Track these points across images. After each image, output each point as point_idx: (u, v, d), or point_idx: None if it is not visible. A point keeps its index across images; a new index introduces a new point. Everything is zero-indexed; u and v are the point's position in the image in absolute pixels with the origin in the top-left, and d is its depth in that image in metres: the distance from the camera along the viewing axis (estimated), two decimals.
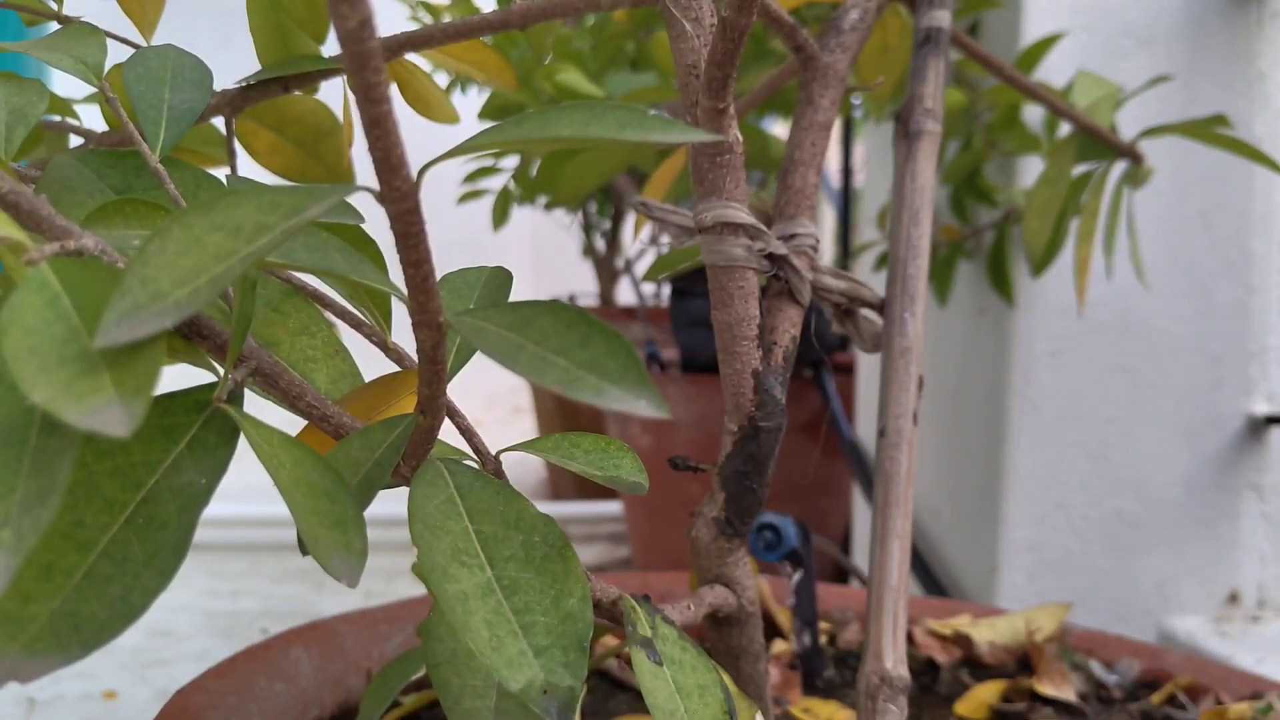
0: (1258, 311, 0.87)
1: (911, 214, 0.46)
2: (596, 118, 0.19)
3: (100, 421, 0.14)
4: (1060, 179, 0.68)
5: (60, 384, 0.14)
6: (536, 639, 0.21)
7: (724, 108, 0.34)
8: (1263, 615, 0.88)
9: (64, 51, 0.30)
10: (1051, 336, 0.86)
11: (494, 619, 0.21)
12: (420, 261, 0.20)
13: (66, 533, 0.18)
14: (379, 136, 0.18)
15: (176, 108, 0.30)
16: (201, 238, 0.17)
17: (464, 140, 0.19)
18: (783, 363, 0.40)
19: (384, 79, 0.17)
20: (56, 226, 0.19)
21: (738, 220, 0.37)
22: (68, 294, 0.16)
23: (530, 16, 0.41)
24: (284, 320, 0.29)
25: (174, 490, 0.19)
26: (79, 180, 0.26)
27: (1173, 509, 0.87)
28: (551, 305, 0.21)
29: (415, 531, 0.22)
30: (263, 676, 0.57)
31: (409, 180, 0.19)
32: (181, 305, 0.16)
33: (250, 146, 0.43)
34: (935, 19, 0.51)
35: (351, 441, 0.24)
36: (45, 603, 0.17)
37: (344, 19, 0.16)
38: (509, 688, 0.20)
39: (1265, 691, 0.55)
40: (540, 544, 0.23)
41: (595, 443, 0.34)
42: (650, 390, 0.19)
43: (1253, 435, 0.87)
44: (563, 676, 0.21)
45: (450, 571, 0.22)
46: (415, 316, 0.21)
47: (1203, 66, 0.84)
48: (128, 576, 0.18)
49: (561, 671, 0.21)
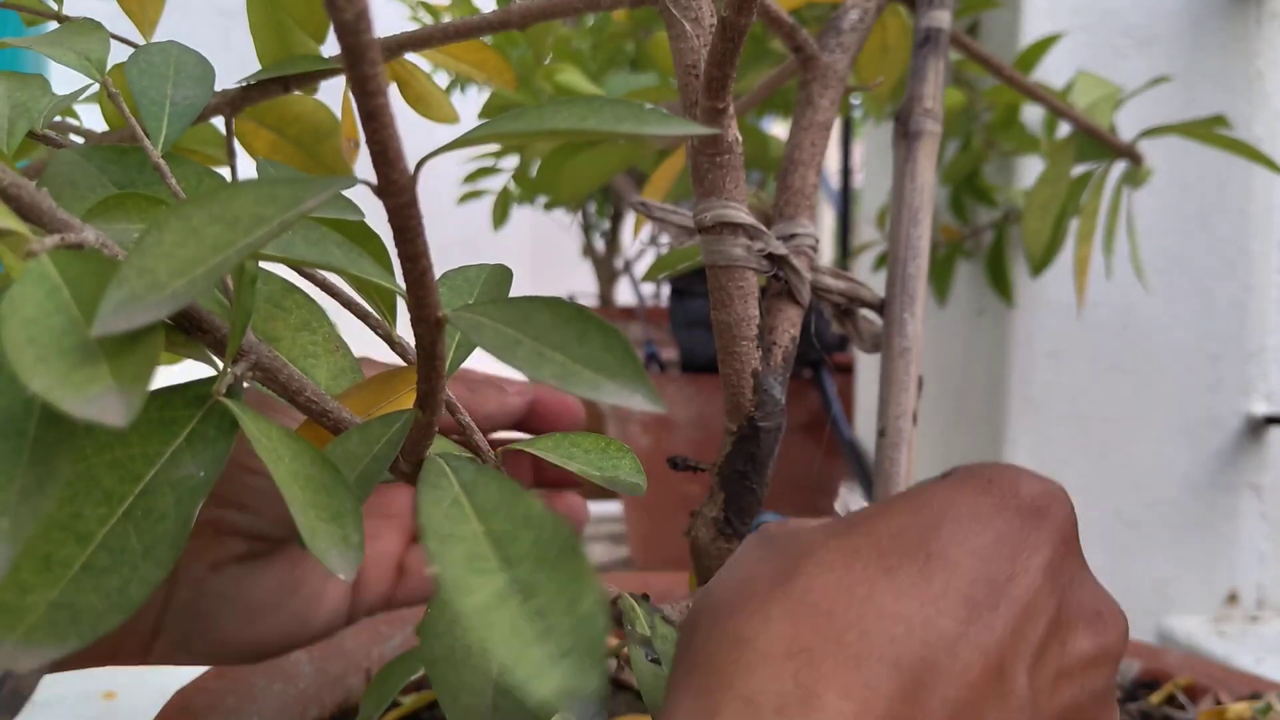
0: (1256, 311, 0.87)
1: (911, 214, 0.47)
2: (594, 111, 0.19)
3: (98, 410, 0.14)
4: (1060, 179, 0.68)
5: (59, 374, 0.15)
6: (559, 643, 0.21)
7: (723, 107, 0.35)
8: (1262, 615, 0.88)
9: (67, 46, 0.31)
10: (1051, 337, 0.86)
11: (515, 626, 0.21)
12: (418, 256, 0.20)
13: (65, 524, 0.18)
14: (376, 129, 0.18)
15: (179, 103, 0.30)
16: (199, 229, 0.17)
17: (464, 133, 0.19)
18: (782, 363, 0.40)
19: (381, 71, 0.17)
20: (57, 220, 0.19)
21: (737, 220, 0.37)
22: (67, 286, 0.16)
23: (530, 16, 0.41)
24: (285, 316, 0.29)
25: (172, 483, 0.19)
26: (81, 175, 0.26)
27: (1172, 509, 0.87)
28: (550, 301, 0.21)
29: (430, 548, 0.22)
30: (262, 676, 0.57)
31: (406, 173, 0.19)
32: (178, 295, 0.16)
33: (250, 146, 0.44)
34: (935, 19, 0.51)
35: (350, 436, 0.24)
36: (43, 593, 0.17)
37: (341, 11, 0.16)
38: (538, 695, 0.20)
39: (1264, 691, 0.55)
40: (551, 541, 0.23)
41: (595, 443, 0.35)
42: (646, 385, 0.20)
43: (1251, 435, 0.87)
44: (589, 679, 0.21)
45: (468, 583, 0.22)
46: (413, 311, 0.21)
47: (1202, 67, 0.84)
48: (125, 568, 0.18)
49: (588, 674, 0.21)
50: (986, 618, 0.24)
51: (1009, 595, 0.25)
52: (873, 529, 0.26)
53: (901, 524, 0.26)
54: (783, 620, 0.23)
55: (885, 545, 0.25)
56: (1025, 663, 0.24)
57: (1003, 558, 0.25)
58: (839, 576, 0.24)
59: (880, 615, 0.23)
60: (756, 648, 0.23)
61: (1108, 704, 0.28)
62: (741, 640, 0.23)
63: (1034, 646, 0.25)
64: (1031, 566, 0.25)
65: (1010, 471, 0.28)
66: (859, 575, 0.24)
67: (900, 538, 0.25)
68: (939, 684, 0.23)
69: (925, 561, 0.24)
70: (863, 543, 0.25)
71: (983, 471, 0.28)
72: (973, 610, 0.24)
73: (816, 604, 0.24)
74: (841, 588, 0.24)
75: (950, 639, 0.23)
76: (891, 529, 0.26)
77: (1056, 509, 0.27)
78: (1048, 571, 0.26)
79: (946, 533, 0.25)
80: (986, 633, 0.24)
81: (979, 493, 0.26)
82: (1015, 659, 0.24)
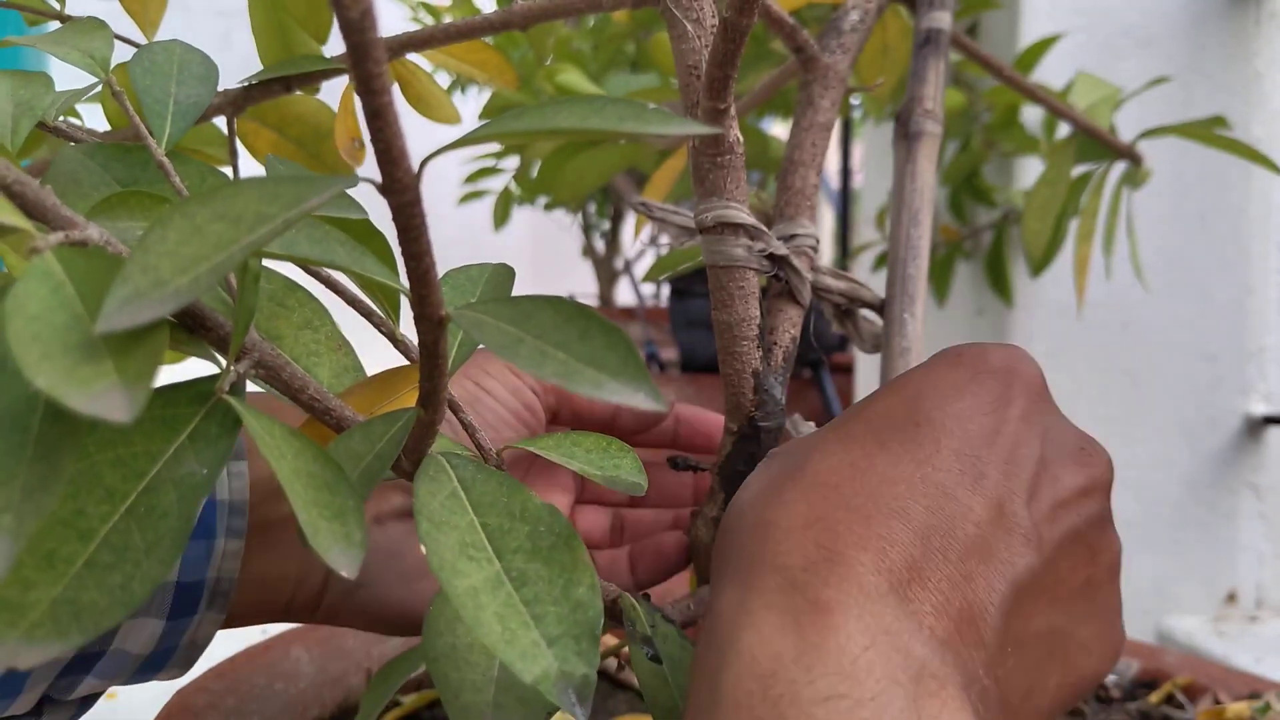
0: (1255, 312, 0.87)
1: (911, 214, 0.47)
2: (596, 111, 0.19)
3: (102, 407, 0.14)
4: (1059, 180, 0.68)
5: (63, 370, 0.15)
6: (549, 629, 0.22)
7: (725, 108, 0.35)
8: (1260, 615, 0.88)
9: (71, 45, 0.31)
10: (1050, 337, 0.86)
11: (505, 612, 0.22)
12: (421, 254, 0.20)
13: (68, 521, 0.18)
14: (380, 128, 0.18)
15: (182, 102, 0.30)
16: (203, 227, 0.17)
17: (467, 133, 0.19)
18: (783, 363, 0.40)
19: (385, 70, 0.17)
20: (61, 217, 0.19)
21: (738, 220, 0.37)
22: (72, 282, 0.16)
23: (532, 17, 0.41)
24: (288, 314, 0.29)
25: (175, 480, 0.19)
26: (85, 173, 0.26)
27: (1171, 509, 0.87)
28: (552, 300, 0.21)
29: (423, 530, 0.23)
30: (263, 676, 0.57)
31: (410, 172, 0.19)
32: (182, 292, 0.16)
33: (252, 146, 0.44)
34: (935, 20, 0.51)
35: (353, 434, 0.25)
36: (46, 590, 0.17)
37: (345, 9, 0.16)
38: (523, 679, 0.21)
39: (1263, 691, 0.55)
40: (546, 534, 0.23)
41: (596, 442, 0.35)
42: (648, 384, 0.20)
43: (1250, 435, 0.87)
44: (577, 665, 0.21)
45: (459, 567, 0.22)
46: (416, 310, 0.21)
47: (1201, 67, 0.84)
48: (128, 565, 0.18)
49: (575, 660, 0.21)
50: (978, 466, 0.27)
51: (994, 444, 0.28)
52: (863, 414, 0.29)
53: (888, 405, 0.29)
54: (797, 501, 0.27)
55: (877, 423, 0.29)
56: (1021, 498, 0.27)
57: (982, 413, 0.28)
58: (840, 456, 0.28)
59: (881, 480, 0.27)
60: (780, 525, 0.26)
61: (1105, 529, 0.31)
62: (765, 523, 0.27)
63: (1026, 484, 0.28)
64: (1010, 416, 0.29)
65: (976, 345, 0.31)
66: (858, 452, 0.28)
67: (889, 416, 0.29)
68: (945, 526, 0.26)
69: (914, 430, 0.28)
70: (856, 427, 0.29)
71: (953, 350, 0.31)
72: (963, 461, 0.27)
73: (825, 482, 0.27)
74: (844, 464, 0.27)
75: (948, 487, 0.27)
76: (880, 410, 0.29)
77: (1023, 367, 0.31)
78: (1025, 419, 0.29)
79: (928, 403, 0.29)
80: (980, 479, 0.27)
81: (952, 366, 0.30)
82: (1011, 496, 0.27)
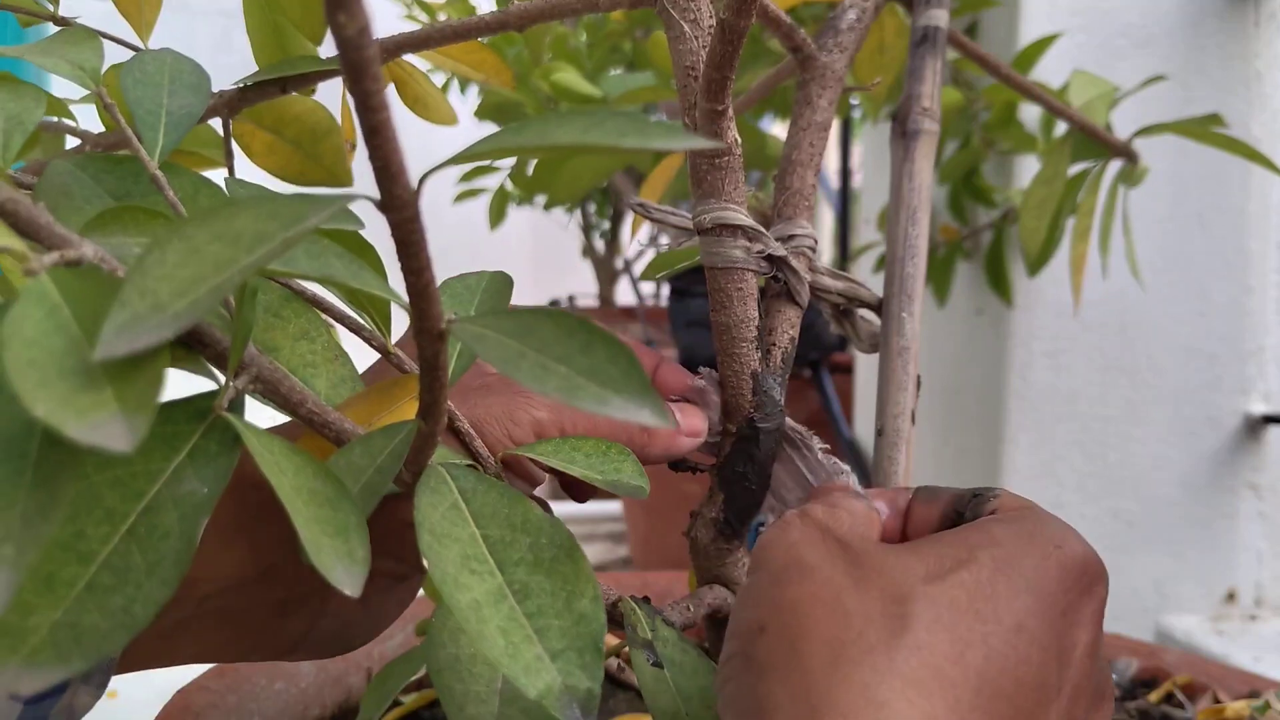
0: (1254, 311, 0.87)
1: (909, 214, 0.46)
2: (596, 125, 0.19)
3: (102, 436, 0.14)
4: (1056, 178, 0.68)
5: (62, 397, 0.14)
6: (552, 643, 0.21)
7: (722, 109, 0.34)
8: (1260, 614, 0.88)
9: (60, 56, 0.30)
10: (1049, 336, 0.86)
11: (508, 625, 0.21)
12: (421, 269, 0.20)
13: (67, 544, 0.18)
14: (379, 144, 0.18)
15: (175, 113, 0.30)
16: (201, 248, 0.17)
17: (464, 149, 0.19)
18: (781, 364, 0.40)
19: (383, 87, 0.17)
20: (55, 235, 0.19)
21: (736, 222, 0.37)
22: (68, 305, 0.16)
23: (528, 18, 0.41)
24: (284, 325, 0.29)
25: (175, 500, 0.19)
26: (76, 186, 0.26)
27: (1170, 508, 0.87)
28: (553, 312, 0.21)
29: (424, 542, 0.22)
30: (263, 676, 0.57)
31: (409, 188, 0.19)
32: (181, 316, 0.15)
33: (248, 147, 0.43)
34: (932, 18, 0.51)
35: (353, 448, 0.24)
36: (46, 614, 0.17)
37: (342, 27, 0.16)
38: (527, 694, 0.20)
39: (1262, 690, 0.55)
40: (548, 546, 0.23)
41: (596, 446, 0.34)
42: (653, 399, 0.19)
43: (1249, 434, 0.87)
44: (581, 679, 0.21)
45: (462, 580, 0.22)
46: (416, 324, 0.21)
47: (1199, 67, 0.84)
48: (130, 587, 0.18)
49: (579, 674, 0.21)
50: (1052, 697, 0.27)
51: (1065, 677, 0.28)
52: (962, 581, 0.28)
53: (988, 581, 0.28)
54: (911, 688, 0.25)
55: (981, 608, 0.27)
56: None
57: (1061, 633, 0.28)
58: (948, 636, 0.27)
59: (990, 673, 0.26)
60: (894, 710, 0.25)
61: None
62: (877, 702, 0.25)
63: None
64: (1080, 641, 0.29)
65: (1069, 538, 0.31)
66: (964, 636, 0.27)
67: (993, 601, 0.28)
68: None
69: (1015, 634, 0.27)
70: (960, 595, 0.28)
71: (1046, 533, 0.30)
72: (1044, 692, 0.27)
73: (939, 668, 0.26)
74: (955, 654, 0.26)
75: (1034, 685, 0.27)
76: (981, 586, 0.28)
77: (1101, 587, 0.31)
78: (1091, 649, 0.29)
79: (1022, 605, 0.28)
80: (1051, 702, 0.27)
81: (1044, 557, 0.29)
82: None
